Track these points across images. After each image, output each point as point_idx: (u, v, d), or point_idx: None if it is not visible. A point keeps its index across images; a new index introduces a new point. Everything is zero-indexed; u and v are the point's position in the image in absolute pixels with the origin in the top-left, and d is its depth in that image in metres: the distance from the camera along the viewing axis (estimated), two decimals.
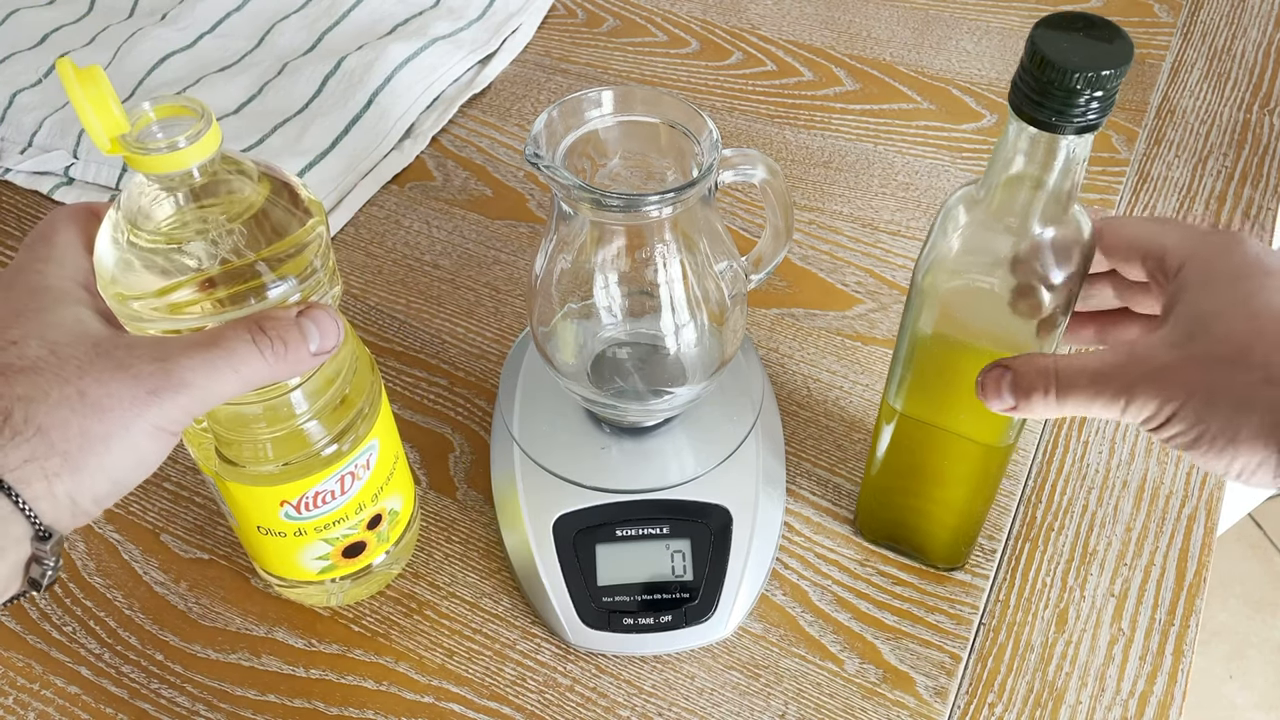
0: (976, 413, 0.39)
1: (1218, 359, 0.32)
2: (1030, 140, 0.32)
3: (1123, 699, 0.44)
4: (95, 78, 0.30)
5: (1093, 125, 0.31)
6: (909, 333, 0.39)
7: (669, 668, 0.46)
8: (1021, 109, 0.32)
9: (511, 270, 0.63)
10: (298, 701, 0.45)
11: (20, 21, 0.80)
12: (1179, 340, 0.33)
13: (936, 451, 0.43)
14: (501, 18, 0.80)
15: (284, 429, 0.39)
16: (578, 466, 0.49)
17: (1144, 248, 0.36)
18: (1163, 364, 0.32)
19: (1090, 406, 0.34)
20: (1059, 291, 0.35)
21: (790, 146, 0.70)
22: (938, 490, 0.45)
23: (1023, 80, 0.31)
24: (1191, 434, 0.32)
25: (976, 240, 0.35)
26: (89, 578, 0.49)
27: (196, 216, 0.33)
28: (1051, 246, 0.34)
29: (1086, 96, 0.30)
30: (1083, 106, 0.30)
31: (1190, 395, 0.32)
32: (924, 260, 0.37)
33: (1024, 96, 0.31)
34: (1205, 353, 0.32)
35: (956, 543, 0.47)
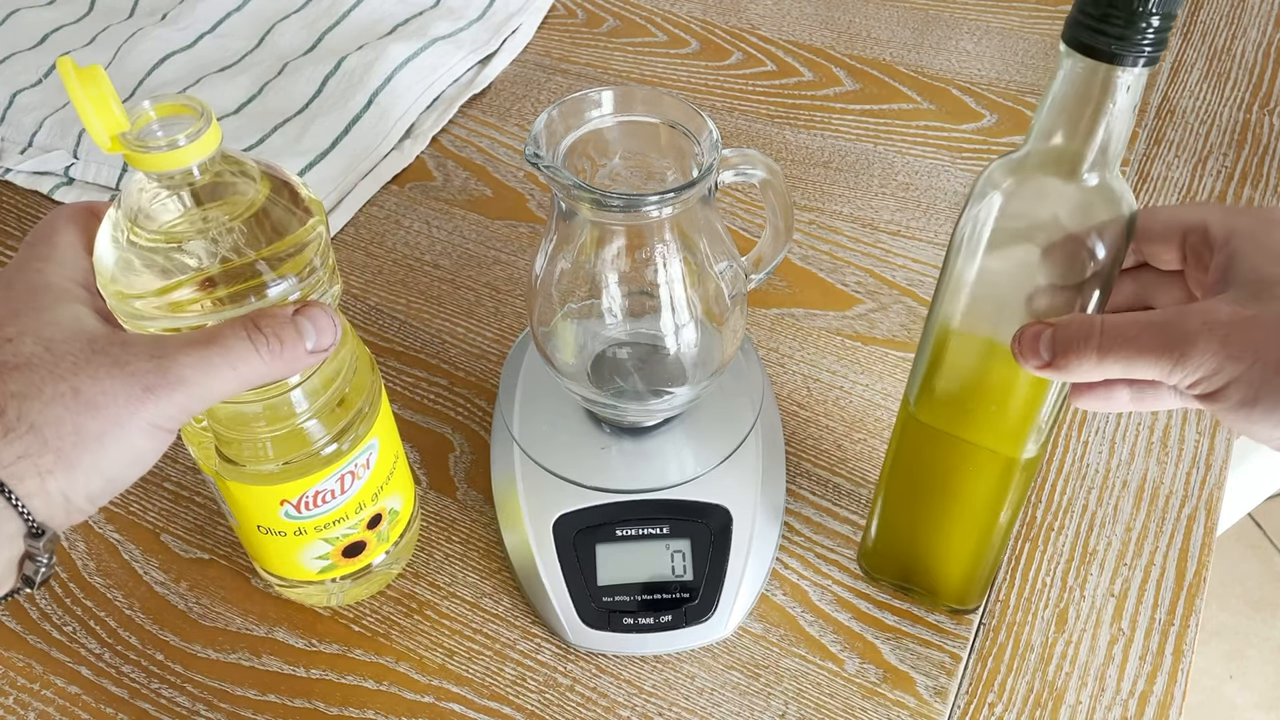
0: (999, 418, 0.38)
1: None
2: (1084, 78, 0.31)
3: (1123, 699, 0.44)
4: (96, 77, 0.30)
5: (1153, 58, 0.30)
6: (934, 328, 0.38)
7: (669, 668, 0.46)
8: (1079, 39, 0.30)
9: (511, 270, 0.63)
10: (298, 701, 0.45)
11: (20, 21, 0.80)
12: (1244, 299, 0.30)
13: (953, 465, 0.41)
14: (501, 18, 0.80)
15: (284, 428, 0.39)
16: (578, 466, 0.49)
17: (1185, 224, 0.35)
18: (1228, 319, 0.30)
19: (1136, 362, 0.31)
20: (1101, 259, 0.33)
21: (790, 146, 0.70)
22: (953, 512, 0.43)
23: (1082, 10, 0.30)
24: (1256, 399, 0.30)
25: (1020, 197, 0.34)
26: (89, 578, 0.49)
27: (197, 215, 0.33)
28: (1096, 207, 0.33)
29: (1149, 20, 0.29)
30: (1144, 32, 0.29)
31: (1260, 357, 0.29)
32: (957, 235, 0.35)
33: (1083, 26, 0.30)
34: (1276, 315, 0.30)
35: (970, 577, 0.45)
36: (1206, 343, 0.30)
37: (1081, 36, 0.30)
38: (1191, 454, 0.53)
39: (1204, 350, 0.30)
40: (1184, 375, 0.31)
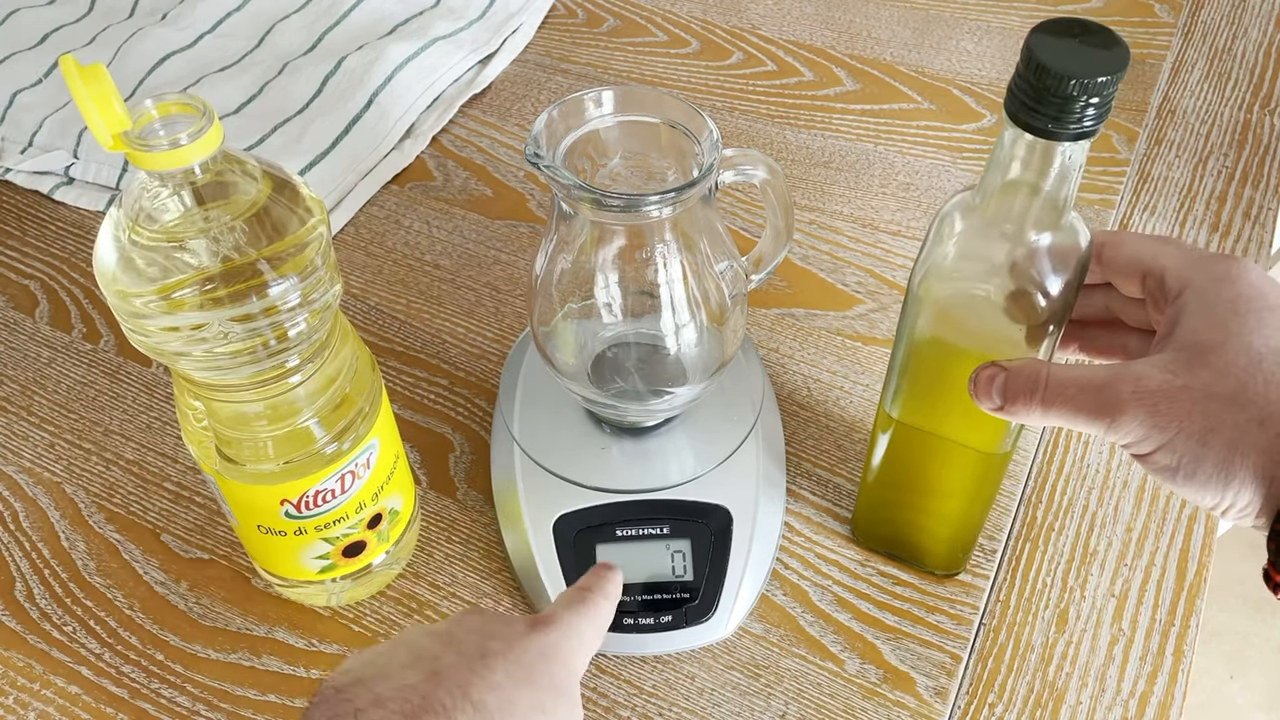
0: (973, 419, 0.39)
1: (1215, 394, 0.31)
2: (1026, 146, 0.32)
3: (1123, 699, 0.44)
4: (98, 75, 0.30)
5: (1089, 132, 0.31)
6: (905, 339, 0.39)
7: (669, 668, 0.46)
8: (1017, 115, 0.31)
9: (511, 270, 0.63)
10: (298, 701, 0.45)
11: (20, 21, 0.80)
12: (1177, 368, 0.32)
13: (933, 459, 0.43)
14: (501, 18, 0.80)
15: (285, 427, 0.39)
16: (578, 466, 0.49)
17: (1144, 266, 0.36)
18: (1157, 388, 0.32)
19: (1075, 419, 0.34)
20: (1054, 299, 0.35)
21: (790, 146, 0.70)
22: (934, 498, 0.45)
23: (1019, 87, 0.31)
24: (1178, 466, 0.32)
25: (972, 247, 0.35)
26: (89, 578, 0.49)
27: (198, 214, 0.33)
28: (1048, 254, 0.34)
29: (1083, 103, 0.30)
30: (1079, 113, 0.30)
31: (1183, 428, 0.31)
32: (920, 267, 0.37)
33: (1020, 103, 0.31)
34: (1203, 386, 0.32)
35: (954, 549, 0.47)
36: (1135, 411, 0.32)
37: (1019, 112, 0.31)
38: None
39: (1133, 418, 0.32)
40: (1116, 437, 0.33)
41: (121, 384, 0.57)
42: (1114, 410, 0.32)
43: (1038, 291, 0.35)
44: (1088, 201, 0.65)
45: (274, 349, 0.35)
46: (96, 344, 0.59)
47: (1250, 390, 0.31)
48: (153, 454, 0.54)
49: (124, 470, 0.53)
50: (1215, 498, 0.32)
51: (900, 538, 0.48)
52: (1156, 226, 0.64)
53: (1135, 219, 0.65)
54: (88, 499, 0.52)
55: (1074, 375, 0.34)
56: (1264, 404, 0.31)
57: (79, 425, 0.55)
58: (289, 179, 0.35)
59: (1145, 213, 0.65)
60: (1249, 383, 0.31)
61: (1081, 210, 0.65)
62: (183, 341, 0.33)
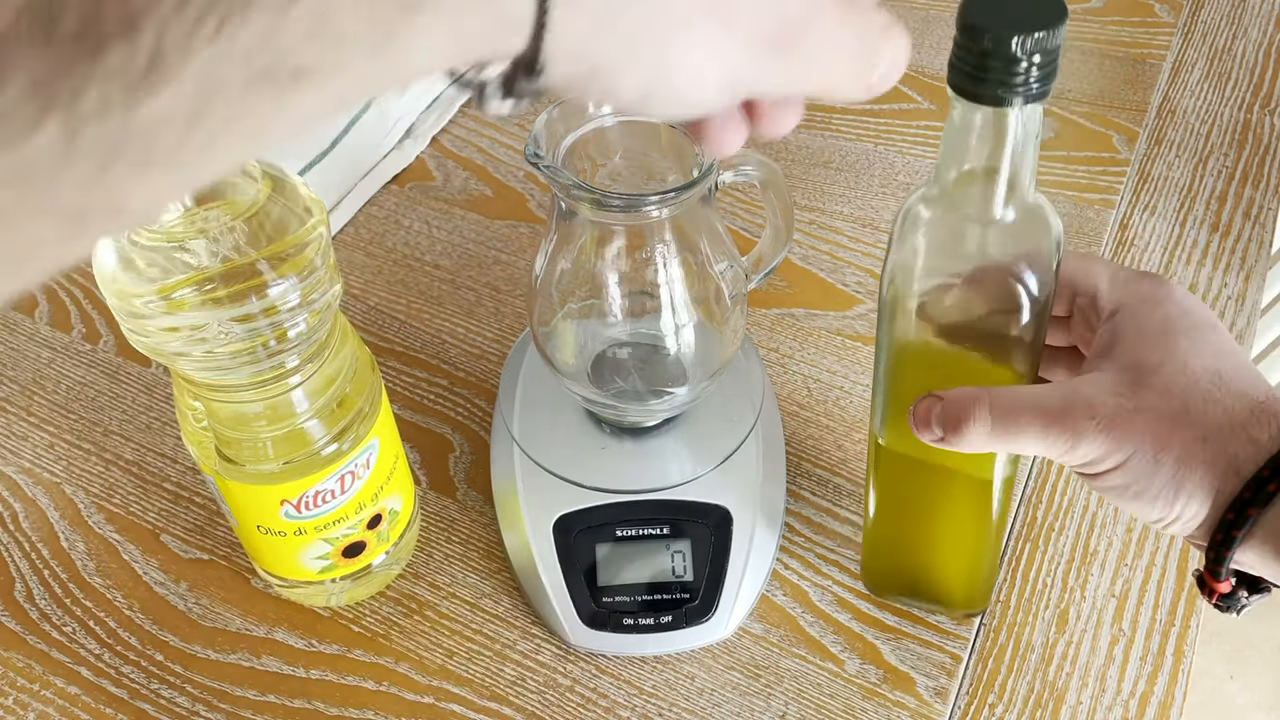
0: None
1: (1163, 415, 0.33)
2: (978, 120, 0.31)
3: (1123, 699, 0.44)
4: None
5: (1039, 94, 0.29)
6: (884, 355, 0.38)
7: (669, 668, 0.46)
8: (963, 87, 0.30)
9: (511, 270, 0.63)
10: (298, 702, 0.45)
11: None
12: (1124, 390, 0.33)
13: (930, 490, 0.41)
14: None
15: (285, 428, 0.39)
16: (578, 466, 0.49)
17: (1076, 285, 0.37)
18: (1113, 414, 0.33)
19: (1031, 443, 0.34)
20: (1032, 281, 0.33)
21: (790, 146, 0.70)
22: (940, 533, 0.43)
23: (960, 58, 0.29)
24: (1129, 485, 0.33)
25: (938, 237, 0.34)
26: (89, 578, 0.49)
27: (198, 214, 0.33)
28: (1017, 233, 0.33)
29: (1027, 63, 0.28)
30: (1025, 74, 0.29)
31: (1138, 448, 0.33)
32: (887, 272, 0.35)
33: (963, 74, 0.30)
34: (1152, 407, 0.33)
35: (971, 586, 0.45)
36: (1094, 436, 0.33)
37: (964, 83, 0.30)
38: None
39: (1092, 442, 0.33)
40: (1071, 460, 0.34)
41: (121, 384, 0.57)
42: (1074, 436, 0.33)
43: (1013, 276, 0.33)
44: (1088, 201, 0.65)
45: (274, 349, 0.35)
46: (96, 344, 0.59)
47: (1193, 410, 0.33)
48: (152, 454, 0.54)
49: (124, 471, 0.53)
50: (1163, 511, 0.33)
51: (913, 581, 0.46)
52: (1157, 226, 0.64)
53: (1135, 219, 0.65)
54: (87, 499, 0.52)
55: (1023, 398, 0.34)
56: (1206, 422, 0.32)
57: (78, 426, 0.55)
58: (289, 179, 0.35)
59: (1145, 212, 0.65)
60: (1190, 402, 0.33)
61: (1081, 210, 0.65)
62: (182, 342, 0.33)
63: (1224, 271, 0.61)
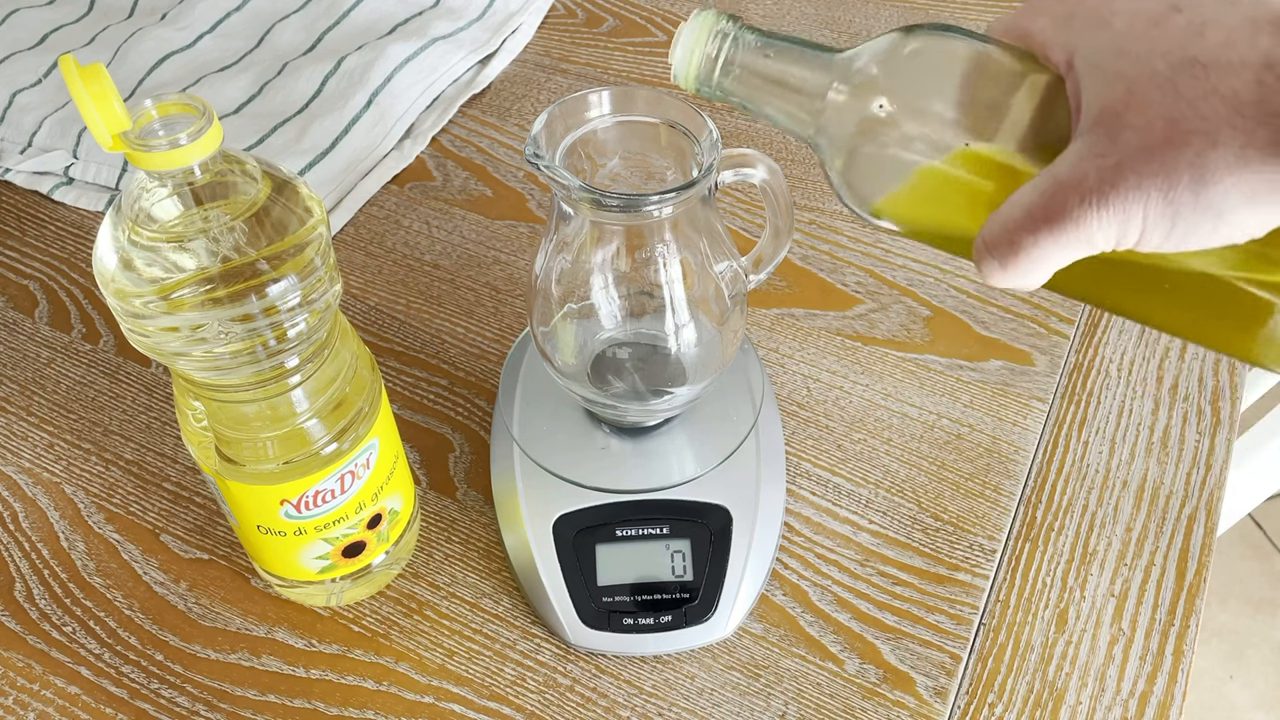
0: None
1: (1153, 147, 0.28)
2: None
3: (1123, 699, 0.44)
4: (98, 75, 0.30)
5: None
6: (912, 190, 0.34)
7: (669, 668, 0.46)
8: None
9: (511, 270, 0.63)
10: (298, 701, 0.45)
11: (20, 21, 0.80)
12: (1104, 148, 0.29)
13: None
14: (501, 18, 0.80)
15: (285, 428, 0.39)
16: (578, 466, 0.49)
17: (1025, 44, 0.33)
18: (1096, 181, 0.29)
19: (1055, 253, 0.30)
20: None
21: (790, 146, 0.70)
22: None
23: None
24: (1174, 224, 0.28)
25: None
26: (89, 578, 0.49)
27: (198, 214, 0.33)
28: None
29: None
30: None
31: (1150, 198, 0.28)
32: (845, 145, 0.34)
33: None
34: (1139, 148, 0.28)
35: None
36: (1096, 216, 0.29)
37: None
38: (1191, 454, 0.53)
39: (1098, 223, 0.29)
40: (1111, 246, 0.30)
41: (121, 384, 0.57)
42: (1078, 228, 0.29)
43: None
44: None
45: (274, 349, 0.35)
46: (96, 344, 0.59)
47: (1181, 121, 0.28)
48: (152, 454, 0.54)
49: (124, 470, 0.53)
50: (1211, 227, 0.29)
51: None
52: None
53: None
54: (87, 499, 0.52)
55: (1010, 213, 0.31)
56: (1199, 120, 0.28)
57: (78, 425, 0.55)
58: (289, 179, 0.35)
59: None
60: (1173, 116, 0.28)
61: None
62: (182, 342, 0.33)
63: None
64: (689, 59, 0.36)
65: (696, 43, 0.35)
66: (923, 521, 0.50)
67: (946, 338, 0.58)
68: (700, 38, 0.35)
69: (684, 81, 0.36)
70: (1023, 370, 0.56)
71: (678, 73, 0.36)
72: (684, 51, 0.36)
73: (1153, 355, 0.57)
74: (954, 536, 0.49)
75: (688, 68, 0.36)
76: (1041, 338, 0.58)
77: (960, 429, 0.54)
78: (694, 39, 0.35)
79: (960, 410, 0.54)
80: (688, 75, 0.36)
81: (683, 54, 0.36)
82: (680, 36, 0.36)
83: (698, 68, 0.36)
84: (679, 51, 0.36)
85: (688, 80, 0.36)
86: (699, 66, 0.35)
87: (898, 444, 0.53)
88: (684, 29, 0.36)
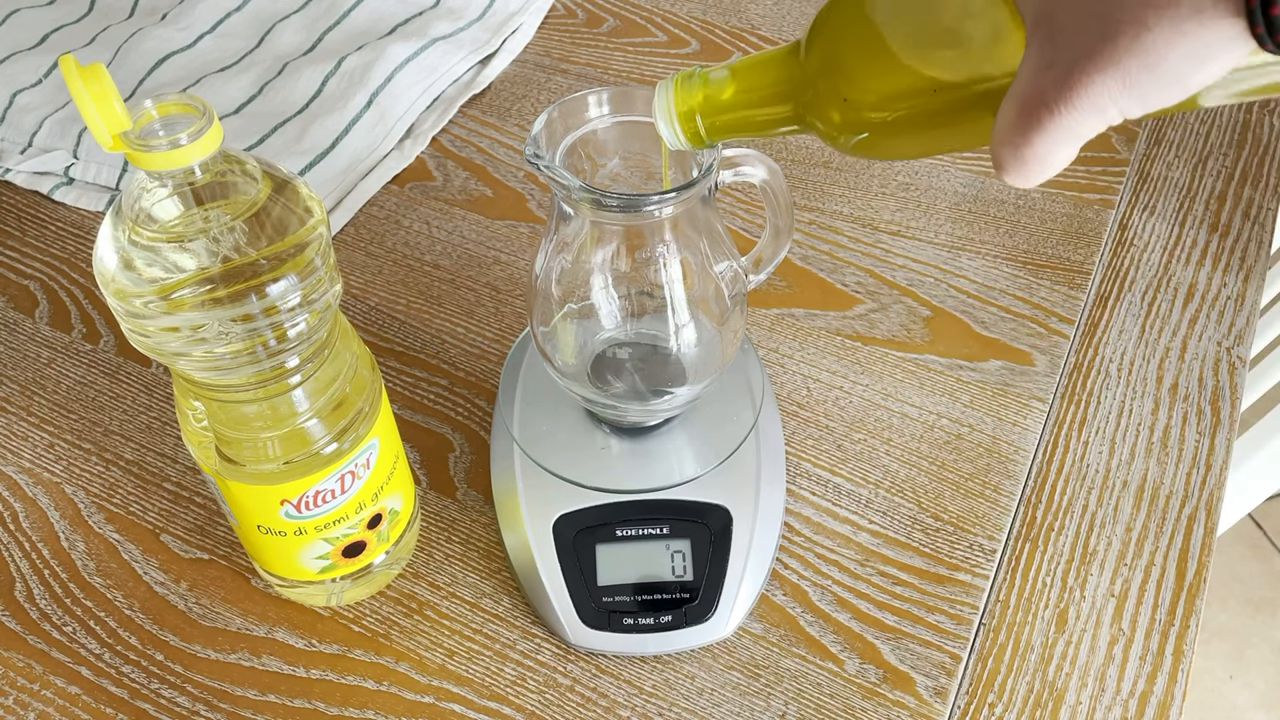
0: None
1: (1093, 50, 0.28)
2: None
3: (1123, 699, 0.44)
4: (98, 75, 0.30)
5: None
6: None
7: (669, 668, 0.46)
8: None
9: (511, 270, 0.63)
10: (298, 701, 0.45)
11: (20, 21, 0.80)
12: (1049, 53, 0.29)
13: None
14: (501, 18, 0.80)
15: (285, 428, 0.39)
16: (578, 466, 0.49)
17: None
18: (1047, 84, 0.29)
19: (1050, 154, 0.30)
20: None
21: (790, 146, 0.70)
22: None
23: None
24: (1144, 99, 0.28)
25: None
26: (89, 578, 0.49)
27: (198, 214, 0.33)
28: None
29: None
30: None
31: (1110, 89, 0.28)
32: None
33: None
34: (1083, 46, 0.28)
35: None
36: (1064, 121, 0.29)
37: None
38: (1191, 454, 0.53)
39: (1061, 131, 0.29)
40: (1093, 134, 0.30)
41: (121, 384, 0.57)
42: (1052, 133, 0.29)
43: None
44: (1087, 201, 0.65)
45: (274, 349, 0.35)
46: (96, 344, 0.59)
47: (1108, 14, 0.28)
48: (153, 454, 0.54)
49: (124, 470, 0.53)
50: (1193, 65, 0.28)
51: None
52: (1156, 226, 0.64)
53: (1135, 219, 0.65)
54: (87, 499, 0.52)
55: (997, 123, 0.31)
56: (1122, 10, 0.27)
57: (79, 425, 0.55)
58: (289, 179, 0.35)
59: (1145, 212, 0.65)
60: (1100, 10, 0.28)
61: (1081, 210, 0.65)
62: (182, 342, 0.33)
63: (1223, 272, 0.61)
64: (670, 119, 0.37)
65: (670, 101, 0.36)
66: (923, 521, 0.50)
67: (946, 338, 0.58)
68: (670, 94, 0.36)
69: (678, 140, 0.37)
70: (1023, 370, 0.56)
71: (668, 139, 0.37)
72: (663, 110, 0.37)
73: (1153, 355, 0.57)
74: (954, 536, 0.49)
75: (673, 127, 0.37)
76: (1041, 338, 0.58)
77: (960, 429, 0.54)
78: (665, 100, 0.36)
79: (960, 410, 0.54)
80: (677, 135, 0.37)
81: (663, 114, 0.37)
82: (655, 108, 0.37)
83: (682, 121, 0.36)
84: (660, 123, 0.37)
85: (679, 138, 0.37)
86: (683, 120, 0.36)
87: (898, 444, 0.53)
88: (655, 103, 0.37)
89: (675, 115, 0.37)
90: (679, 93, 0.36)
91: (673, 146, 0.38)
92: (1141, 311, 0.59)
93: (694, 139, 0.37)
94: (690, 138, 0.37)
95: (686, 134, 0.37)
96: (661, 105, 0.37)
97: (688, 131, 0.37)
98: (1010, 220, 0.64)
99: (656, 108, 0.37)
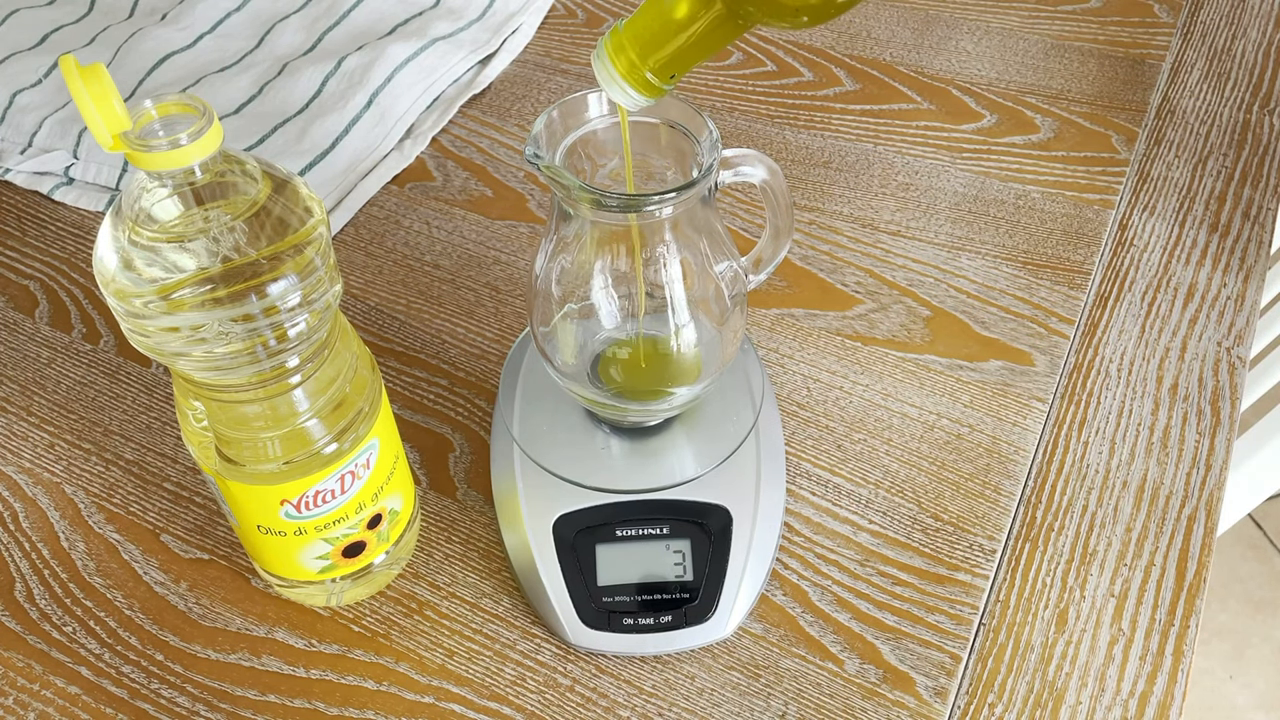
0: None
1: None
2: None
3: (1123, 699, 0.44)
4: (98, 75, 0.30)
5: None
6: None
7: (669, 668, 0.46)
8: None
9: (511, 270, 0.63)
10: (298, 701, 0.45)
11: (20, 21, 0.80)
12: None
13: None
14: (501, 18, 0.80)
15: (285, 428, 0.39)
16: (578, 466, 0.49)
17: None
18: None
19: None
20: None
21: (790, 146, 0.70)
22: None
23: None
24: None
25: None
26: (89, 578, 0.49)
27: (198, 214, 0.33)
28: None
29: None
30: None
31: None
32: None
33: None
34: None
35: None
36: None
37: None
38: (1191, 454, 0.53)
39: None
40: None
41: (121, 384, 0.57)
42: None
43: None
44: (1087, 202, 0.65)
45: (274, 349, 0.35)
46: (96, 344, 0.59)
47: None
48: (152, 454, 0.54)
49: (124, 470, 0.53)
50: None
51: None
52: (1156, 226, 0.64)
53: (1135, 219, 0.65)
54: (87, 499, 0.52)
55: None
56: None
57: (79, 425, 0.55)
58: (289, 179, 0.35)
59: (1145, 213, 0.65)
60: None
61: (1081, 210, 0.65)
62: (182, 342, 0.33)
63: (1223, 272, 0.61)
64: (615, 81, 0.36)
65: (608, 64, 0.36)
66: (923, 521, 0.50)
67: (946, 338, 0.58)
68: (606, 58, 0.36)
69: (632, 97, 0.37)
70: (1023, 370, 0.56)
71: (623, 100, 0.37)
72: (606, 77, 0.36)
73: (1153, 355, 0.57)
74: (954, 537, 0.49)
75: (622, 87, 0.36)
76: (1041, 338, 0.58)
77: (960, 429, 0.54)
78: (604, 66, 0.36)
79: (960, 410, 0.54)
80: (628, 93, 0.36)
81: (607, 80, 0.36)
82: (599, 78, 0.37)
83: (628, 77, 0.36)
84: (610, 89, 0.37)
85: (632, 95, 0.37)
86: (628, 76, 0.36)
87: (898, 444, 0.53)
88: (596, 74, 0.37)
89: (618, 75, 0.36)
90: (612, 53, 0.36)
91: (633, 106, 0.37)
92: (1141, 311, 0.59)
93: (647, 89, 0.36)
94: (643, 89, 0.36)
95: (638, 87, 0.36)
96: (602, 73, 0.36)
97: (638, 84, 0.36)
98: (1010, 220, 0.64)
99: (599, 77, 0.36)
